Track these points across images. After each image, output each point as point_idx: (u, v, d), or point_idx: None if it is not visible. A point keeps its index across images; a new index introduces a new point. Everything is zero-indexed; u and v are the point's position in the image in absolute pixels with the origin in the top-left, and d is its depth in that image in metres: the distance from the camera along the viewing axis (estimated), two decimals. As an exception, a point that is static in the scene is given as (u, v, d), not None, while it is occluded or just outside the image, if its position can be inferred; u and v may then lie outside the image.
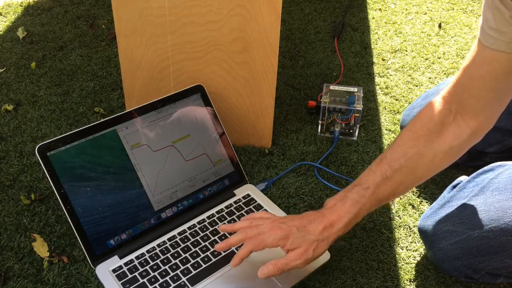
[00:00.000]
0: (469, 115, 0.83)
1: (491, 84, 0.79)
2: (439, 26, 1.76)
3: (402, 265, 0.94)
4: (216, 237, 0.95)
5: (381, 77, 1.49)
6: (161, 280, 0.87)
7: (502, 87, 0.80)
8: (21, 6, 1.78)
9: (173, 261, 0.90)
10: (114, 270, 0.89)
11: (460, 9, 1.88)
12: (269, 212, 0.90)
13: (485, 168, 0.93)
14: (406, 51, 1.61)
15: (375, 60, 1.56)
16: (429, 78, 1.49)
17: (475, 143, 0.87)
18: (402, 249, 0.97)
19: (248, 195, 1.05)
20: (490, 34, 0.75)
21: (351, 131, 1.24)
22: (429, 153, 0.84)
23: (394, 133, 1.27)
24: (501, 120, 0.86)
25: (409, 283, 0.91)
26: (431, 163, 0.85)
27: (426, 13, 1.85)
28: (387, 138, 1.25)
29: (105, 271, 0.89)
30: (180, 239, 0.95)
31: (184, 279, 0.87)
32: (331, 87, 1.28)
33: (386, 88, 1.43)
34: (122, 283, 0.86)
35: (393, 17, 1.81)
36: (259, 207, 1.02)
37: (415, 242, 0.99)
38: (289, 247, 0.79)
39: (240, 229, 0.84)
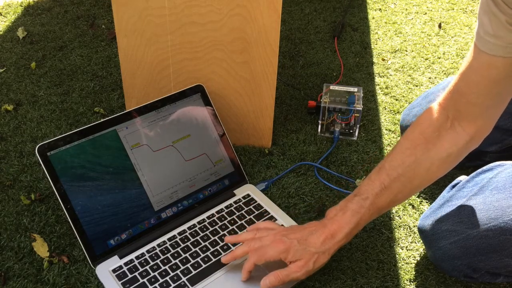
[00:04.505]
0: (467, 121, 0.83)
1: (488, 89, 0.79)
2: (439, 26, 1.76)
3: (402, 265, 0.94)
4: (216, 237, 0.95)
5: (381, 77, 1.49)
6: (161, 280, 0.87)
7: (500, 92, 0.79)
8: (21, 6, 1.78)
9: (173, 261, 0.90)
10: (114, 270, 0.89)
11: (460, 9, 1.88)
12: (273, 222, 0.92)
13: (484, 167, 0.93)
14: (406, 51, 1.61)
15: (375, 60, 1.56)
16: (429, 78, 1.49)
17: (474, 148, 0.87)
18: (402, 249, 0.97)
19: (248, 195, 1.05)
20: (486, 39, 0.74)
21: (351, 131, 1.24)
22: (426, 162, 0.84)
23: (394, 133, 1.27)
24: (501, 120, 0.86)
25: (409, 283, 0.91)
26: (428, 172, 0.85)
27: (426, 13, 1.85)
28: (387, 138, 1.25)
29: (105, 271, 0.89)
30: (180, 239, 0.95)
31: (184, 279, 0.87)
32: (331, 87, 1.28)
33: (386, 88, 1.43)
34: (122, 283, 0.86)
35: (393, 17, 1.81)
36: (259, 207, 1.02)
37: (415, 242, 0.99)
38: (290, 259, 0.82)
39: (244, 241, 0.87)
